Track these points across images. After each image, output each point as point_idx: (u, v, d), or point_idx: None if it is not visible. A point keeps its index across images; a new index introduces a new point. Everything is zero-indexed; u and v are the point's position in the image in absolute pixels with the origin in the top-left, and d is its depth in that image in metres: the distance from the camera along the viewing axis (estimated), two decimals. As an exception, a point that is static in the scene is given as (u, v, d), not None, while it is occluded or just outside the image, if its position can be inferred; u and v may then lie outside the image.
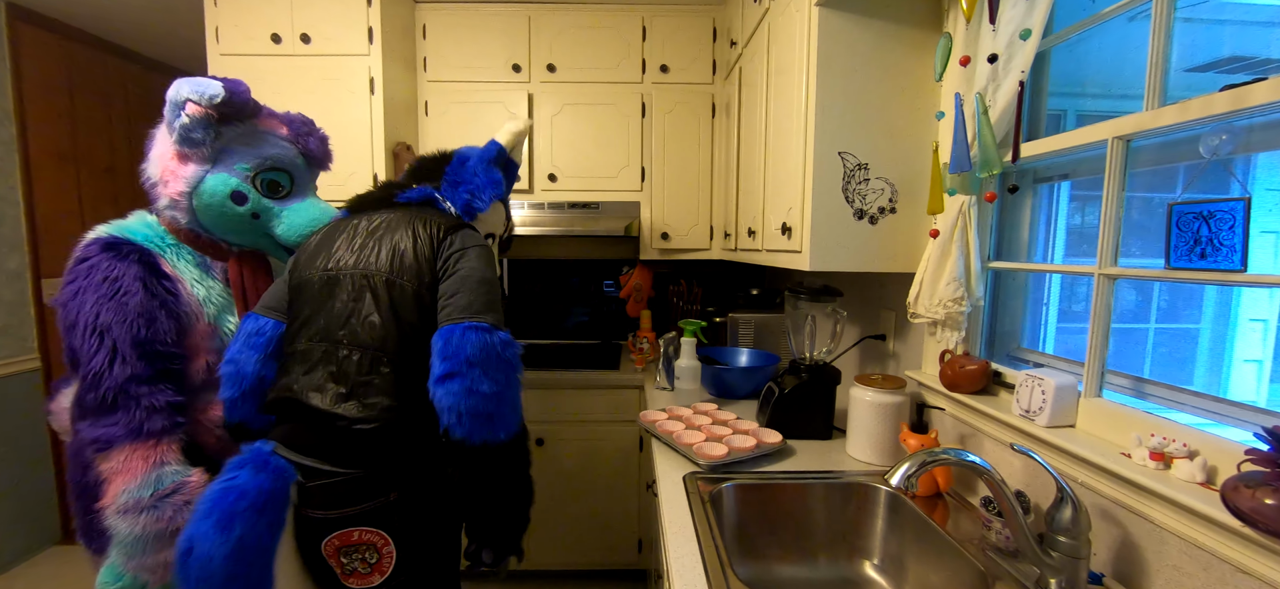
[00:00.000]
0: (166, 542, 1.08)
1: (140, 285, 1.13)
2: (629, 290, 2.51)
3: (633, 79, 2.27)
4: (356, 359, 1.01)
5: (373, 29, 1.95)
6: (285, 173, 1.31)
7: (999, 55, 0.95)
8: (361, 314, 1.03)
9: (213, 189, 1.20)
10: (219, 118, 1.21)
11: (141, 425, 1.08)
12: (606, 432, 2.12)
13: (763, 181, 1.60)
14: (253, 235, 1.29)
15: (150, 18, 2.44)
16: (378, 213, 1.16)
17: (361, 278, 1.06)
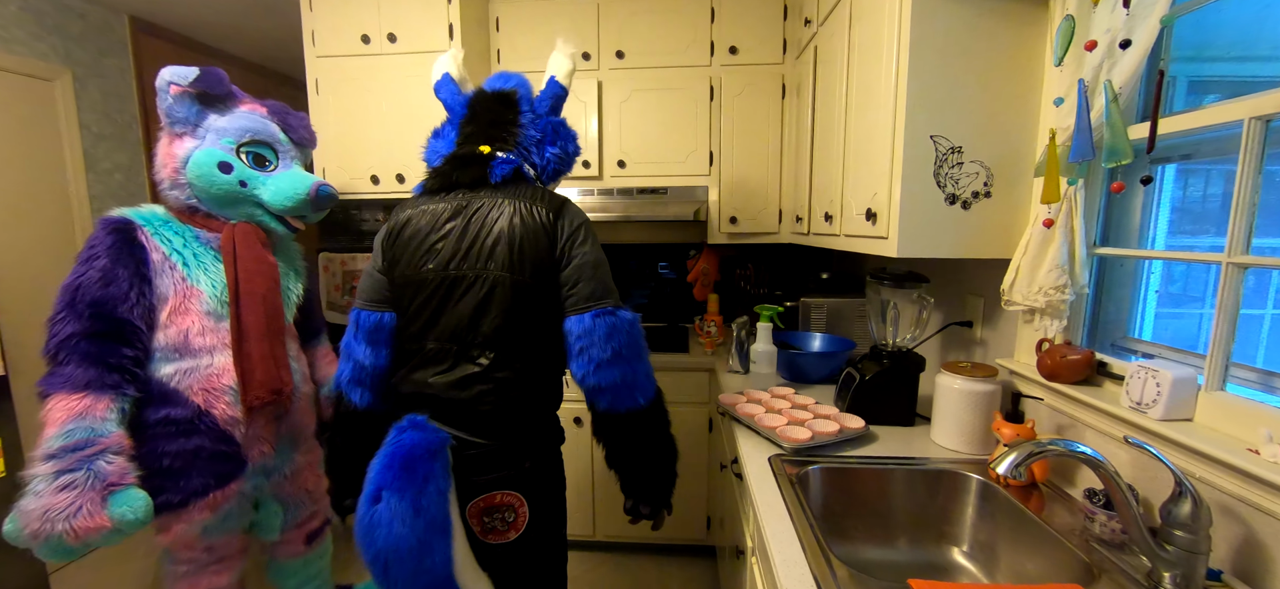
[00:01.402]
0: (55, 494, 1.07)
1: (108, 250, 1.22)
2: (696, 274, 2.53)
3: (701, 62, 2.27)
4: (491, 358, 1.10)
5: (453, 25, 2.04)
6: (268, 146, 1.42)
7: (1132, 40, 0.89)
8: (489, 315, 1.10)
9: (201, 161, 1.31)
10: (199, 98, 1.33)
11: (71, 379, 1.13)
12: (675, 413, 2.15)
13: (841, 165, 1.58)
14: (245, 205, 1.39)
15: (252, 25, 2.64)
16: (472, 195, 1.15)
17: (481, 278, 1.10)
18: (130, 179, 2.55)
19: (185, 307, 1.29)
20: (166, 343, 1.28)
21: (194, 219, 1.36)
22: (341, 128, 2.15)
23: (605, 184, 2.35)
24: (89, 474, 1.09)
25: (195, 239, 1.35)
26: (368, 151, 2.15)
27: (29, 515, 1.05)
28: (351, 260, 2.16)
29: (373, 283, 1.22)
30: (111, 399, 1.17)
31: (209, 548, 1.40)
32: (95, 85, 2.39)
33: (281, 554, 1.63)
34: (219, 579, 1.42)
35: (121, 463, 1.14)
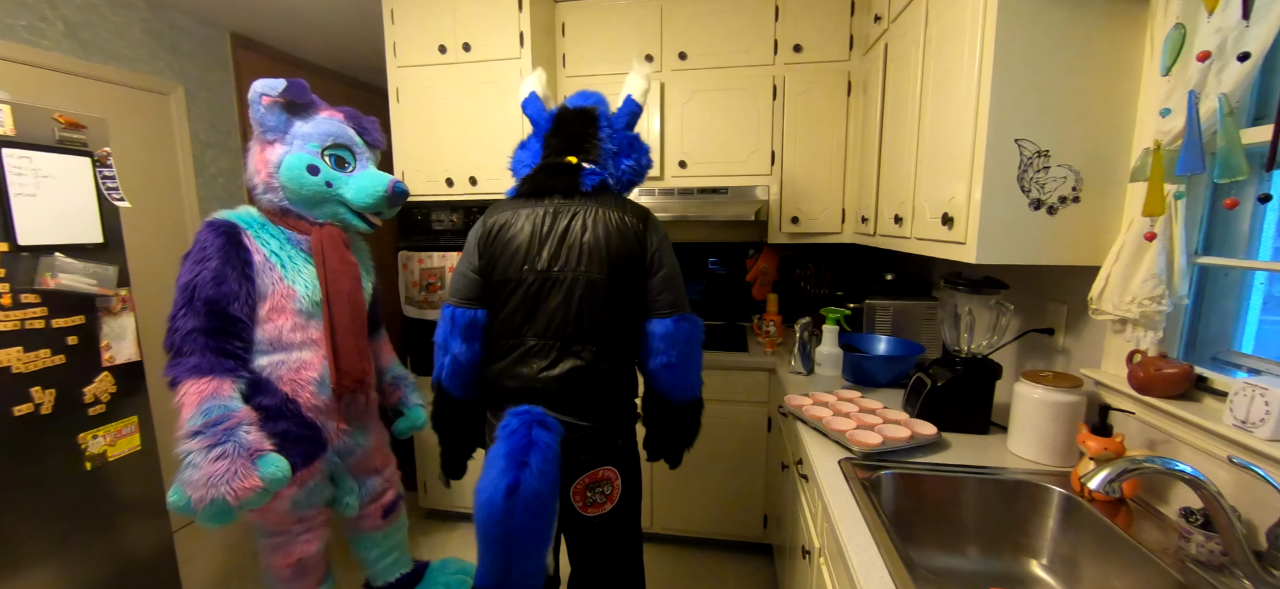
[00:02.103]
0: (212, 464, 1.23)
1: (218, 252, 1.37)
2: (755, 273, 2.54)
3: (764, 62, 2.26)
4: (593, 352, 1.26)
5: (524, 33, 2.12)
6: (347, 149, 1.55)
7: (1251, 53, 0.85)
8: (587, 314, 1.25)
9: (291, 165, 1.45)
10: (286, 107, 1.48)
11: (197, 367, 1.30)
12: (735, 412, 2.20)
13: (913, 166, 1.55)
14: (330, 204, 1.53)
15: (339, 38, 2.82)
16: (565, 202, 1.28)
17: (578, 279, 1.24)
18: (231, 182, 2.79)
19: (282, 306, 1.45)
20: (263, 338, 1.43)
21: (285, 221, 1.51)
22: (419, 133, 2.28)
23: (666, 184, 2.39)
24: (235, 444, 1.26)
25: (289, 242, 1.50)
26: (443, 155, 2.27)
27: (194, 484, 1.22)
28: (428, 258, 2.29)
29: (468, 282, 1.33)
30: (232, 381, 1.34)
31: (299, 520, 1.56)
32: (202, 97, 2.63)
33: (364, 527, 1.80)
34: (308, 548, 1.59)
35: (258, 433, 1.32)
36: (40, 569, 1.43)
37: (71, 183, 1.44)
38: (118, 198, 1.53)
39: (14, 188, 1.32)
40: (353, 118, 1.63)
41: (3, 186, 1.30)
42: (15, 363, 1.36)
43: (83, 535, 1.52)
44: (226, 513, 1.25)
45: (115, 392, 1.57)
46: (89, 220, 1.49)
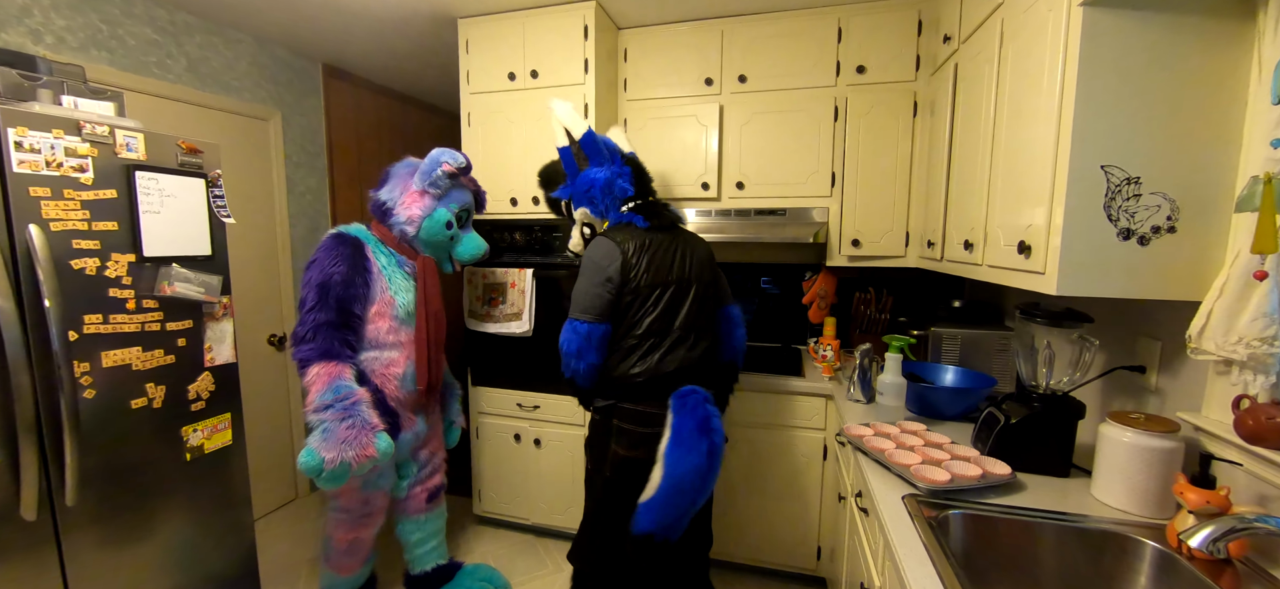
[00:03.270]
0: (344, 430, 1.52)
1: (348, 259, 1.67)
2: (812, 296, 2.49)
3: (825, 83, 2.24)
4: (708, 336, 1.74)
5: (588, 60, 2.20)
6: (468, 212, 1.94)
7: None
8: (703, 310, 1.72)
9: (439, 218, 1.82)
10: (453, 176, 1.83)
11: (327, 351, 1.58)
12: (789, 437, 2.15)
13: (986, 191, 1.49)
14: (442, 249, 1.89)
15: (417, 68, 3.03)
16: (668, 234, 1.73)
17: (696, 285, 1.70)
18: (317, 199, 3.02)
19: (384, 312, 1.75)
20: (366, 336, 1.73)
21: (398, 245, 1.82)
22: (488, 155, 2.40)
23: (723, 205, 2.40)
24: (360, 418, 1.54)
25: (395, 260, 1.81)
26: (509, 176, 2.38)
27: (328, 446, 1.50)
28: (491, 274, 2.39)
29: (603, 300, 1.62)
30: (351, 367, 1.63)
31: (365, 501, 1.83)
32: (296, 122, 2.87)
33: (408, 510, 2.01)
34: (365, 532, 1.87)
35: (375, 413, 1.59)
36: (143, 545, 1.59)
37: (189, 201, 1.61)
38: (225, 215, 1.70)
39: (143, 206, 1.49)
40: (473, 186, 2.00)
41: (134, 205, 1.48)
42: (134, 361, 1.53)
43: (179, 518, 1.67)
44: (344, 474, 1.53)
45: (214, 390, 1.72)
46: (200, 235, 1.66)
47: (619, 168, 1.76)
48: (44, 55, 1.78)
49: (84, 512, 1.44)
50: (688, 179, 2.41)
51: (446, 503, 2.15)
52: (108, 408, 1.48)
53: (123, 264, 1.48)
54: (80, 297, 1.41)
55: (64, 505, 1.39)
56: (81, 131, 1.38)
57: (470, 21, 2.35)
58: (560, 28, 2.22)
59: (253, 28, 2.53)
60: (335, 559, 1.90)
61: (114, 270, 1.47)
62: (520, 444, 2.49)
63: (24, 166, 1.30)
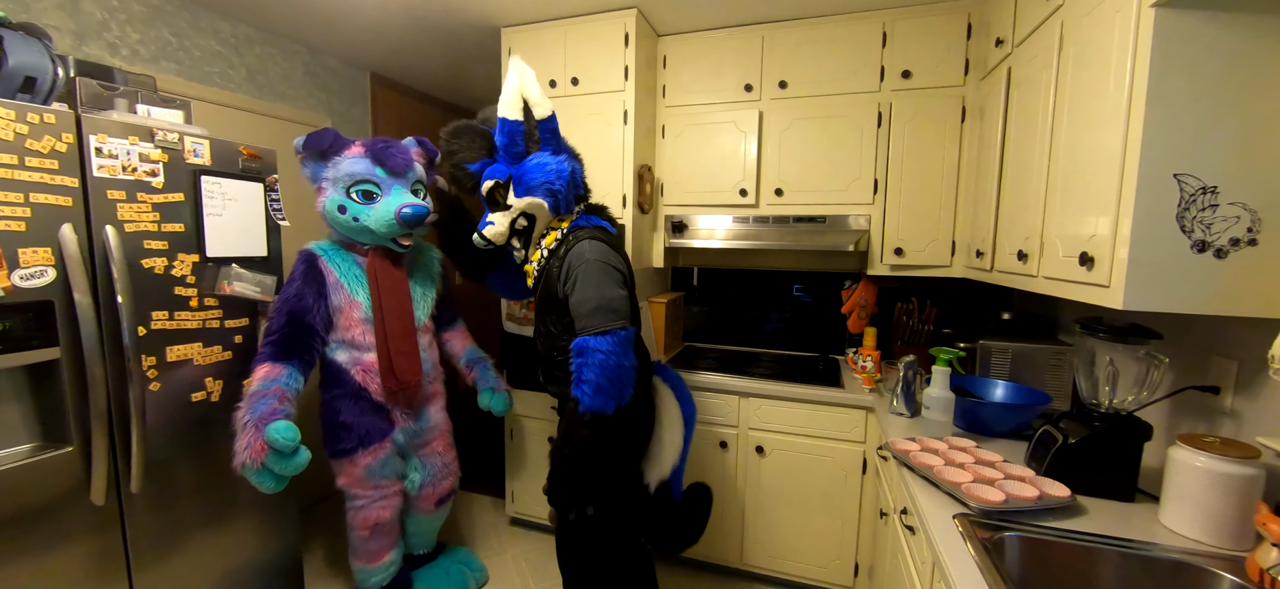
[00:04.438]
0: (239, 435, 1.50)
1: (301, 275, 1.72)
2: (852, 306, 2.43)
3: (868, 88, 2.20)
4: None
5: (629, 67, 2.22)
6: (371, 182, 1.75)
7: None
8: None
9: (327, 208, 1.76)
10: (319, 157, 1.76)
11: (269, 356, 1.62)
12: (826, 449, 2.11)
13: (1042, 200, 1.43)
14: (363, 233, 1.78)
15: (460, 76, 3.11)
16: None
17: None
18: (362, 203, 3.13)
19: (351, 316, 1.79)
20: (341, 338, 1.80)
21: (350, 248, 1.83)
22: (527, 161, 2.43)
23: (761, 211, 2.37)
24: (252, 415, 1.50)
25: (354, 264, 1.82)
26: (547, 182, 2.40)
27: (235, 454, 1.49)
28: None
29: (631, 306, 1.51)
30: (287, 369, 1.63)
31: (375, 486, 1.88)
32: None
33: (418, 508, 2.08)
34: (382, 513, 1.90)
35: (278, 405, 1.55)
36: (198, 532, 1.66)
37: (248, 204, 1.69)
38: (280, 218, 1.77)
39: (207, 209, 1.57)
40: (373, 150, 1.79)
41: (199, 207, 1.56)
42: (196, 356, 1.61)
43: (231, 509, 1.74)
44: (261, 475, 1.50)
45: (267, 385, 1.79)
46: (258, 237, 1.73)
47: (576, 163, 1.66)
48: (120, 66, 1.89)
49: (147, 498, 1.52)
50: (725, 185, 2.39)
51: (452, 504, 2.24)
52: (171, 400, 1.56)
53: (187, 263, 1.56)
54: (149, 294, 1.49)
55: (129, 492, 1.47)
56: (154, 138, 1.46)
57: (513, 30, 2.39)
58: (601, 35, 2.24)
59: (307, 39, 2.63)
60: (361, 549, 1.93)
61: (180, 269, 1.54)
62: (554, 447, 2.51)
63: (103, 171, 1.38)
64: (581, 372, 1.37)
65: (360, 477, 1.83)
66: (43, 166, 1.28)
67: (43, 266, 1.28)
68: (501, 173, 1.58)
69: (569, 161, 1.60)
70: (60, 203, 1.31)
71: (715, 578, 2.33)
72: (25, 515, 1.30)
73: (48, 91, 1.38)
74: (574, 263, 1.47)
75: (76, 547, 1.39)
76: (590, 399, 1.35)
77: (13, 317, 1.26)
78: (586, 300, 1.41)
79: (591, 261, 1.45)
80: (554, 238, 1.58)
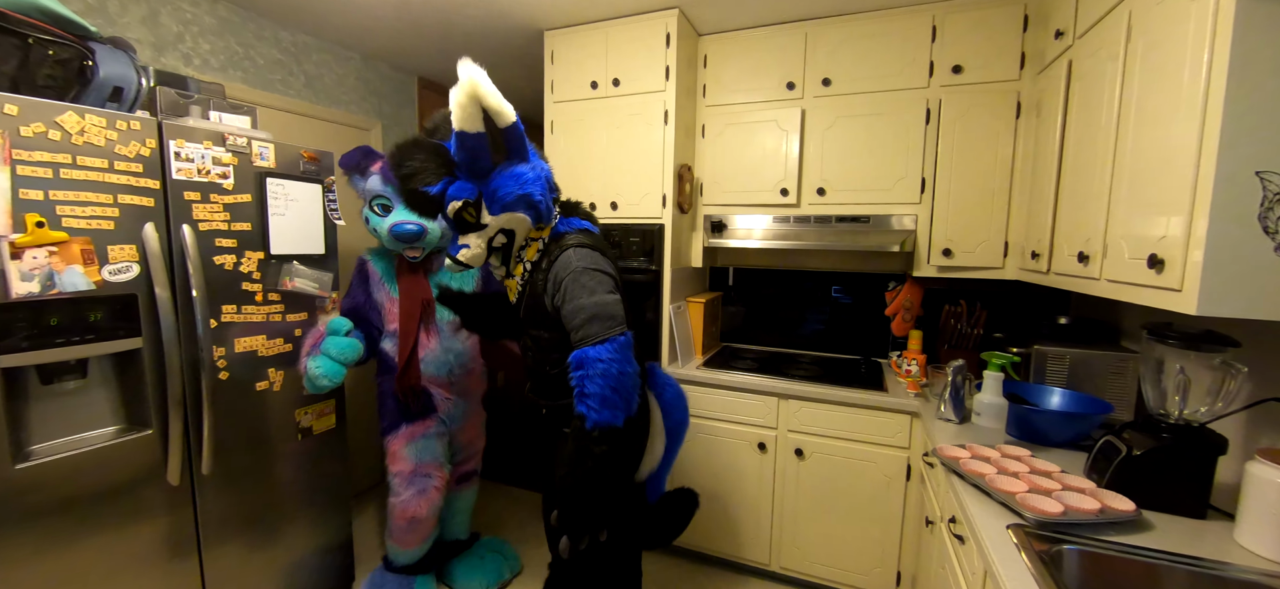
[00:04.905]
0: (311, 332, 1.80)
1: (354, 277, 2.03)
2: (896, 307, 2.37)
3: (917, 84, 2.14)
4: None
5: (670, 67, 2.22)
6: (384, 198, 1.95)
7: None
8: None
9: (364, 216, 1.99)
10: (356, 171, 1.98)
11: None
12: (868, 454, 2.06)
13: (1106, 199, 1.36)
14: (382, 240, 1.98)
15: (503, 79, 3.16)
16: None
17: None
18: (409, 203, 3.24)
19: (392, 311, 1.99)
20: (388, 329, 1.99)
21: (387, 252, 2.04)
22: (569, 162, 2.47)
23: (802, 211, 2.34)
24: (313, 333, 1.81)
25: (390, 265, 2.03)
26: (588, 182, 2.44)
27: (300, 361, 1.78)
28: (569, 277, 2.46)
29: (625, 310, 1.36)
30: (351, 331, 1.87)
31: (417, 468, 1.98)
32: (394, 131, 3.09)
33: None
34: (419, 509, 2.02)
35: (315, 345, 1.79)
36: (260, 513, 1.76)
37: (308, 204, 1.77)
38: (336, 217, 1.86)
39: (272, 209, 1.66)
40: (384, 167, 1.97)
41: (264, 207, 1.65)
42: (260, 348, 1.70)
43: (290, 491, 1.84)
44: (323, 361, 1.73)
45: (323, 377, 1.88)
46: (316, 235, 1.82)
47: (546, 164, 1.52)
48: (193, 75, 2.02)
49: (215, 479, 1.62)
50: (766, 185, 2.37)
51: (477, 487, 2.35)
52: (237, 388, 1.66)
53: (253, 261, 1.66)
54: (219, 289, 1.59)
55: (200, 473, 1.57)
56: (226, 142, 1.56)
57: (556, 33, 2.43)
58: (642, 36, 2.26)
59: (361, 46, 2.75)
60: (397, 534, 2.02)
61: (247, 266, 1.64)
62: (592, 444, 2.54)
63: (181, 174, 1.48)
64: (584, 385, 1.25)
65: (404, 454, 1.97)
66: (129, 170, 1.39)
67: (129, 263, 1.39)
68: (469, 191, 1.37)
69: (542, 164, 1.47)
70: (144, 203, 1.42)
71: (745, 579, 2.32)
72: (110, 491, 1.40)
73: (133, 100, 1.49)
74: (561, 272, 1.36)
75: (153, 522, 1.49)
76: (598, 413, 1.23)
77: (102, 308, 1.37)
78: (581, 309, 1.30)
79: (579, 269, 1.34)
80: (536, 249, 1.46)
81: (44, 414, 1.35)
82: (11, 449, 1.26)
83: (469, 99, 1.28)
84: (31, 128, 1.23)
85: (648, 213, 2.34)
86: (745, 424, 2.24)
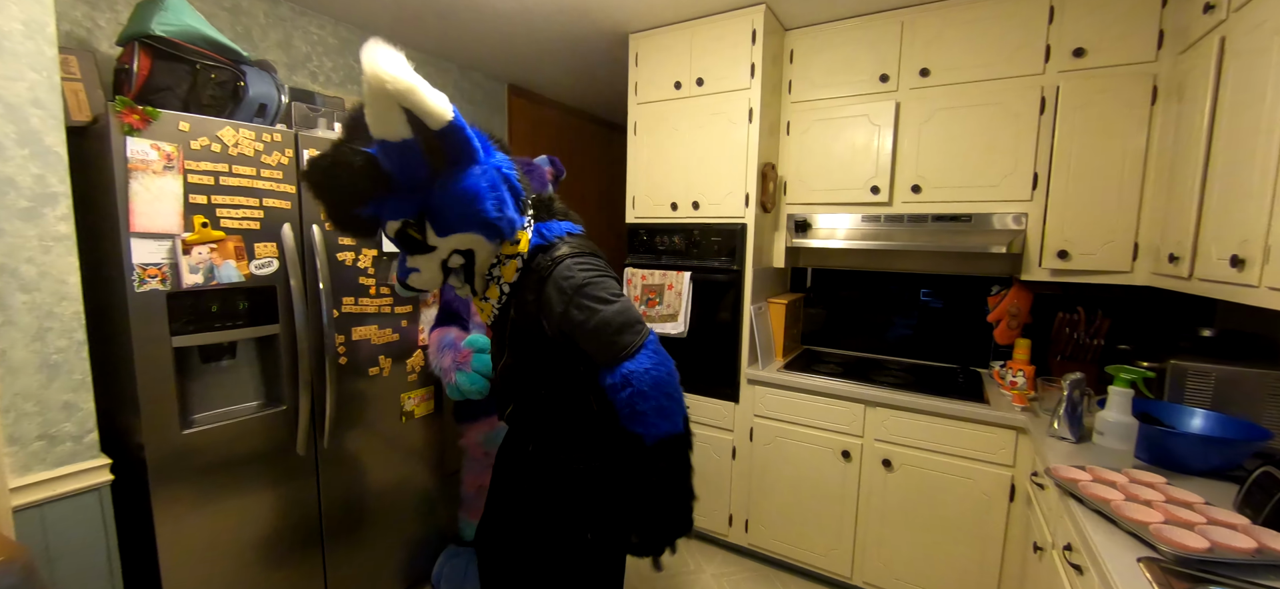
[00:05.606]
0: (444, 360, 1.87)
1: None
2: (1000, 313, 2.19)
3: (1030, 71, 1.96)
4: None
5: (755, 64, 2.19)
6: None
7: None
8: None
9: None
10: None
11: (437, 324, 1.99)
12: (965, 470, 1.92)
13: (1271, 194, 1.18)
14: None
15: (586, 83, 3.28)
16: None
17: None
18: (498, 203, 3.42)
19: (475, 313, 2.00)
20: (475, 321, 2.01)
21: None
22: (650, 162, 2.51)
23: (895, 210, 2.22)
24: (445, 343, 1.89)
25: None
26: (670, 181, 2.46)
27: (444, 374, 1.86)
28: (650, 275, 2.49)
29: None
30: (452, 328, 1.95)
31: (486, 454, 2.09)
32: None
33: None
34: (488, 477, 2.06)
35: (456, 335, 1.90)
36: (369, 486, 1.94)
37: (414, 206, 1.93)
38: (438, 217, 2.01)
39: (385, 210, 1.82)
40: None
41: (378, 208, 1.81)
42: (372, 337, 1.87)
43: (394, 469, 2.01)
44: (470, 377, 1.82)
45: (422, 365, 2.04)
46: (420, 234, 1.97)
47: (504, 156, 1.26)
48: (319, 91, 2.25)
49: (333, 453, 1.80)
50: (855, 182, 2.27)
51: None
52: (354, 373, 1.83)
53: (368, 257, 1.82)
54: (341, 282, 1.76)
55: (322, 446, 1.76)
56: (348, 150, 1.73)
57: (640, 35, 2.47)
58: (727, 34, 2.24)
59: (459, 57, 2.93)
60: (468, 504, 2.17)
61: (363, 262, 1.81)
62: (669, 442, 2.56)
63: (311, 179, 1.66)
64: (635, 403, 1.13)
65: (478, 441, 2.10)
66: (271, 176, 1.57)
67: (270, 258, 1.58)
68: (408, 209, 1.15)
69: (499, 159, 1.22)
70: (282, 205, 1.60)
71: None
72: (252, 458, 1.60)
73: (274, 115, 1.69)
74: (556, 296, 1.17)
75: (284, 486, 1.69)
76: (658, 426, 1.14)
77: (248, 298, 1.57)
78: (607, 324, 1.15)
79: (584, 282, 1.18)
80: (515, 268, 1.24)
81: (203, 388, 1.56)
82: (180, 417, 1.47)
83: (378, 98, 1.00)
84: (199, 141, 1.43)
85: (730, 212, 2.32)
86: (828, 430, 2.17)
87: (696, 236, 2.39)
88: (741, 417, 2.37)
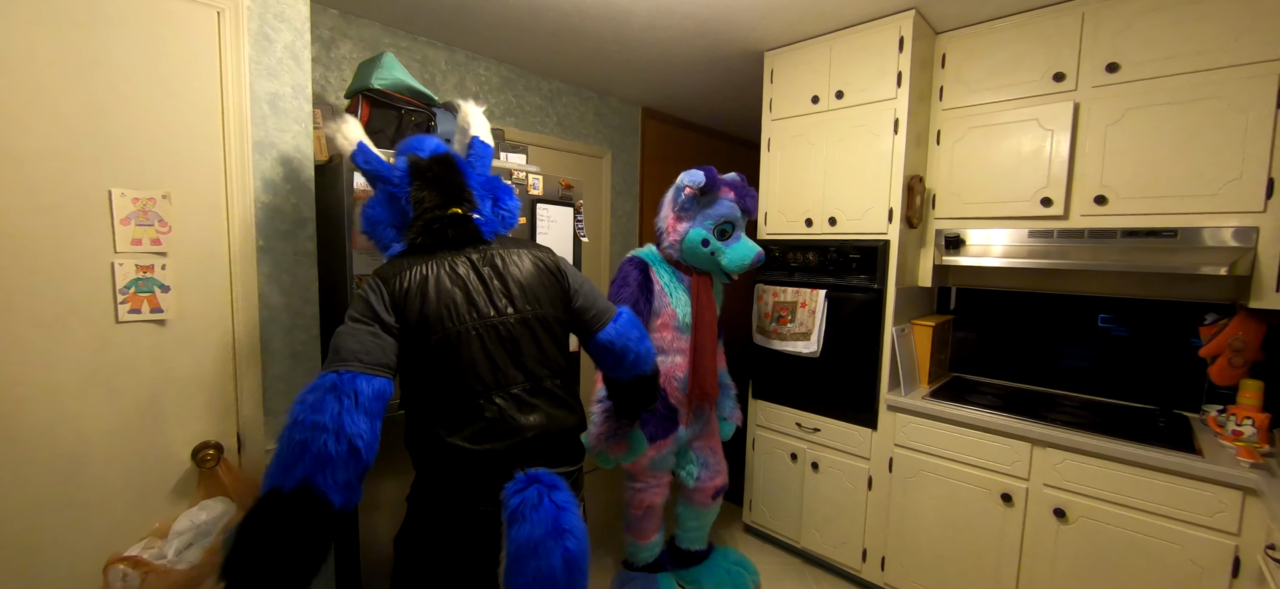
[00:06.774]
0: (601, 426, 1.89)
1: (635, 280, 1.98)
2: (1218, 347, 1.83)
3: (1261, 56, 1.64)
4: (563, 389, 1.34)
5: (902, 73, 2.08)
6: (730, 222, 2.01)
7: None
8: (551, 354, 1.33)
9: (692, 238, 1.99)
10: (700, 194, 1.96)
11: None
12: (1168, 531, 1.63)
13: None
14: (709, 264, 2.03)
15: (718, 102, 3.35)
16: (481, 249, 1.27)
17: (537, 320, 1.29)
18: (629, 221, 3.59)
19: (667, 323, 2.03)
20: (655, 343, 1.98)
21: (676, 265, 2.07)
22: (785, 178, 2.48)
23: (1071, 224, 1.97)
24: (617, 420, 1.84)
25: (675, 278, 2.06)
26: (805, 197, 2.41)
27: (592, 437, 1.90)
28: (782, 292, 2.46)
29: (380, 344, 1.08)
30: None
31: (653, 475, 2.11)
32: (620, 159, 3.47)
33: (695, 500, 2.24)
34: (655, 498, 2.13)
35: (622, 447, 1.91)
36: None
37: (562, 225, 2.11)
38: (583, 235, 2.17)
39: (539, 229, 2.02)
40: (739, 194, 2.05)
41: (534, 228, 2.01)
42: (524, 342, 2.07)
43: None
44: (606, 460, 1.92)
45: (567, 371, 2.21)
46: (567, 251, 2.15)
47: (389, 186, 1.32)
48: (484, 124, 2.57)
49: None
50: (1020, 194, 2.05)
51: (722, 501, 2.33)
52: (509, 374, 2.04)
53: (524, 271, 2.03)
54: (501, 293, 1.98)
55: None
56: (511, 176, 1.95)
57: (776, 53, 2.47)
58: (871, 44, 2.16)
59: (597, 86, 3.16)
60: (634, 526, 2.19)
61: (520, 275, 2.02)
62: (796, 464, 2.49)
63: (482, 202, 1.89)
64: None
65: (644, 466, 2.06)
66: (452, 201, 1.83)
67: (449, 271, 1.83)
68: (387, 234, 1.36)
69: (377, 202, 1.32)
70: (459, 226, 1.85)
71: (988, 651, 2.01)
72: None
73: (454, 147, 1.96)
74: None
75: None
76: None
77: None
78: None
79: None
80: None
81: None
82: (379, 403, 1.75)
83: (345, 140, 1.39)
84: (401, 173, 1.71)
85: (871, 228, 2.21)
86: (984, 469, 1.96)
87: (832, 253, 2.32)
88: (879, 445, 2.23)
